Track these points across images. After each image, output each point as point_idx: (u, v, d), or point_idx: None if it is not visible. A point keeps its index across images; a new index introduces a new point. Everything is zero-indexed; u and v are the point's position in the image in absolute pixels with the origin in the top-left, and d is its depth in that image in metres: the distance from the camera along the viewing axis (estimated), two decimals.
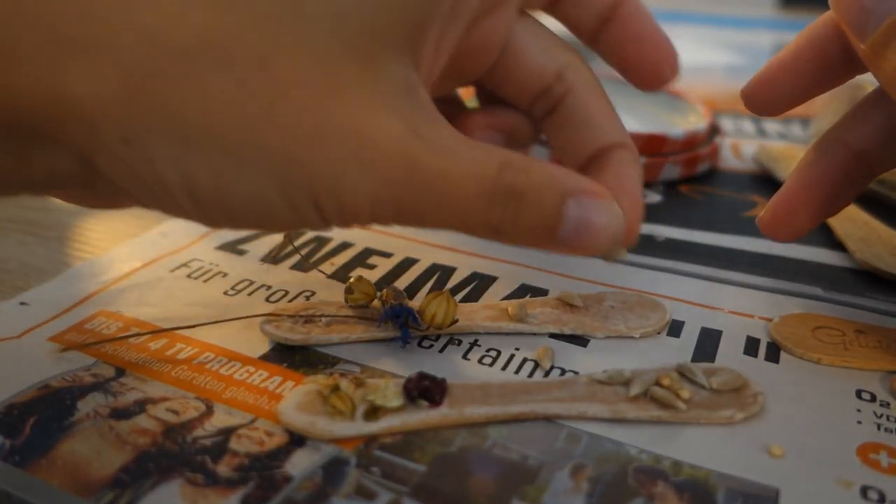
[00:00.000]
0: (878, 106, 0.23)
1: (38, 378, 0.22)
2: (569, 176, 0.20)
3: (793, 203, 0.24)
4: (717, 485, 0.19)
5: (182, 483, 0.18)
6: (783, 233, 0.25)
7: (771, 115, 0.25)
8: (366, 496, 0.18)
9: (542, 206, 0.19)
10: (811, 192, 0.24)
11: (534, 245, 0.21)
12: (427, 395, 0.21)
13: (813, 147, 0.24)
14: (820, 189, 0.24)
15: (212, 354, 0.23)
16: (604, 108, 0.23)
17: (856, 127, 0.23)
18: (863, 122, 0.23)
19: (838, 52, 0.24)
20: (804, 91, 0.24)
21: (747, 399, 0.22)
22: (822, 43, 0.24)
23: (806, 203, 0.24)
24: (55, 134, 0.17)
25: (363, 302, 0.25)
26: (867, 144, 0.23)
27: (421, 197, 0.18)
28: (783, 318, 0.26)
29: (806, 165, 0.24)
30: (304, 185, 0.18)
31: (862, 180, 0.25)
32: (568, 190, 0.20)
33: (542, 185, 0.19)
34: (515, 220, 0.19)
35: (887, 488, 0.19)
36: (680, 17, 0.80)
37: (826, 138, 0.24)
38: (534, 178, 0.19)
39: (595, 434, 0.21)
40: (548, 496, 0.19)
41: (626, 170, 0.22)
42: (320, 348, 0.24)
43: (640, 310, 0.26)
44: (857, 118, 0.23)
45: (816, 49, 0.24)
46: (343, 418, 0.20)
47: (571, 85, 0.23)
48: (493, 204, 0.19)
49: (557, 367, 0.23)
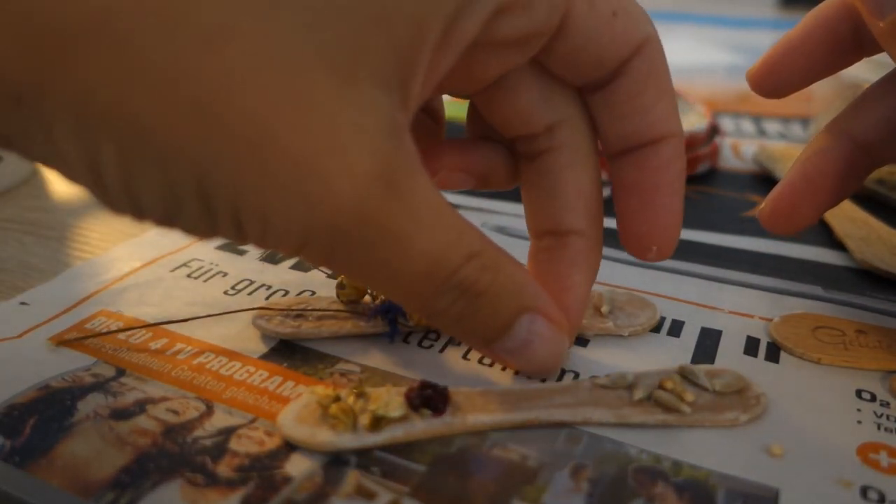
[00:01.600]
0: (882, 97, 0.23)
1: (38, 378, 0.22)
2: (532, 287, 0.19)
3: (794, 195, 0.24)
4: (716, 485, 0.19)
5: (182, 483, 0.18)
6: (784, 226, 0.24)
7: (777, 97, 0.24)
8: (366, 496, 0.18)
9: (495, 313, 0.18)
10: (813, 184, 0.23)
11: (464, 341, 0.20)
12: (430, 404, 0.21)
13: (815, 139, 0.24)
14: (822, 181, 0.23)
15: (212, 354, 0.23)
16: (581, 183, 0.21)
17: (860, 118, 0.22)
18: (867, 113, 0.22)
19: (848, 32, 0.23)
20: (812, 73, 0.24)
21: (750, 400, 0.22)
22: (831, 23, 0.23)
23: (807, 195, 0.24)
24: None
25: (354, 297, 0.25)
26: (871, 136, 0.23)
27: (362, 255, 0.16)
28: (783, 318, 0.26)
29: (808, 157, 0.24)
30: (227, 197, 0.15)
31: (864, 172, 0.24)
32: (527, 305, 0.19)
33: (504, 292, 0.18)
34: (460, 317, 0.18)
35: (887, 488, 0.19)
36: (680, 17, 0.80)
37: (829, 130, 0.24)
38: (498, 281, 0.18)
39: (595, 434, 0.21)
40: (548, 496, 0.19)
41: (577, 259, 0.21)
42: (320, 348, 0.24)
43: (631, 308, 0.26)
44: (860, 109, 0.23)
45: (826, 29, 0.23)
46: (344, 429, 0.20)
47: (559, 144, 0.21)
48: (442, 293, 0.17)
49: None
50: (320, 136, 0.15)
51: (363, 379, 0.23)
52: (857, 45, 0.23)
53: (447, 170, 0.22)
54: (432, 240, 0.16)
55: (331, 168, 0.15)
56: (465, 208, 0.35)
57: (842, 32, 0.23)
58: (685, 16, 0.81)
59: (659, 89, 0.20)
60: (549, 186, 0.21)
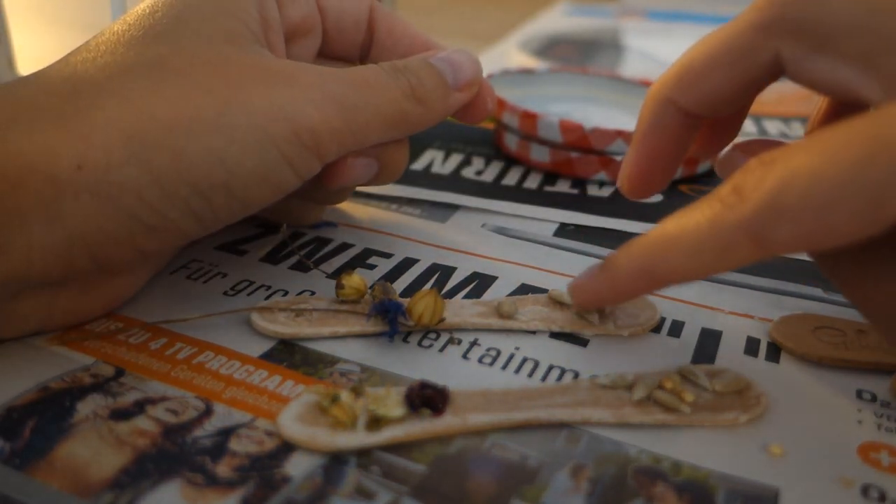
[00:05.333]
0: (710, 73, 0.22)
1: (38, 380, 0.22)
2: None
3: (643, 170, 0.25)
4: (716, 485, 0.19)
5: (182, 484, 0.18)
6: (643, 195, 0.26)
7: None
8: (366, 496, 0.18)
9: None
10: (656, 160, 0.24)
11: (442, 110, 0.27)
12: (430, 403, 0.21)
13: (647, 112, 0.24)
14: (663, 153, 0.24)
15: (211, 354, 0.23)
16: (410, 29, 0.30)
17: (686, 92, 0.22)
18: (693, 87, 0.22)
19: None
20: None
21: (750, 401, 0.22)
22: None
23: (654, 170, 0.25)
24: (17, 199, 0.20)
25: (354, 297, 0.25)
26: (698, 109, 0.23)
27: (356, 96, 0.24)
28: (783, 319, 0.26)
29: (643, 135, 0.24)
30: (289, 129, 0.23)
31: (695, 132, 0.25)
32: (429, 56, 0.27)
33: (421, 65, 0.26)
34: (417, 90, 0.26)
35: (888, 487, 0.19)
36: (680, 16, 0.80)
37: (657, 100, 0.23)
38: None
39: (595, 434, 0.21)
40: (548, 496, 0.19)
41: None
42: (320, 347, 0.24)
43: (631, 308, 0.26)
44: (685, 83, 0.22)
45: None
46: (344, 429, 0.20)
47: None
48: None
49: (557, 367, 0.23)
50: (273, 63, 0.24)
51: (363, 379, 0.23)
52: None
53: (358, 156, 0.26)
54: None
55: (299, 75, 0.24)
56: (466, 208, 0.35)
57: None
58: (685, 15, 0.81)
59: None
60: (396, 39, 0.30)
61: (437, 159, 0.39)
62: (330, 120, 0.23)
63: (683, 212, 0.20)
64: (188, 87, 0.22)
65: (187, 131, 0.21)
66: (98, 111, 0.21)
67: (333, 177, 0.26)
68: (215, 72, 0.22)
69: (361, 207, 0.34)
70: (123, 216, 0.21)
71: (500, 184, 0.37)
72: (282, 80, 0.23)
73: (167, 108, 0.21)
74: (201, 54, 0.23)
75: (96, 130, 0.21)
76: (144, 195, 0.21)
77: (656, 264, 0.20)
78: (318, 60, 0.30)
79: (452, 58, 0.27)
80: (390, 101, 0.25)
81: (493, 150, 0.41)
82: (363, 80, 0.25)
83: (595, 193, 0.36)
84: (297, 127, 0.23)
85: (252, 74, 0.23)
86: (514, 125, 0.38)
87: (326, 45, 0.30)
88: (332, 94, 0.24)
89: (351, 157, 0.26)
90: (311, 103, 0.23)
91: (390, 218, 0.33)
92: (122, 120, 0.21)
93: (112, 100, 0.21)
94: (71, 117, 0.21)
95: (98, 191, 0.20)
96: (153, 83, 0.22)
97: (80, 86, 0.22)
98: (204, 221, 0.23)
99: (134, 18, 0.24)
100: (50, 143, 0.20)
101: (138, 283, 0.25)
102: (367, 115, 0.24)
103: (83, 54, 0.23)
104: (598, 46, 0.67)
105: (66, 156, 0.20)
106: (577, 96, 0.46)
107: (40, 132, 0.20)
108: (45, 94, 0.21)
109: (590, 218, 0.34)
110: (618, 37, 0.71)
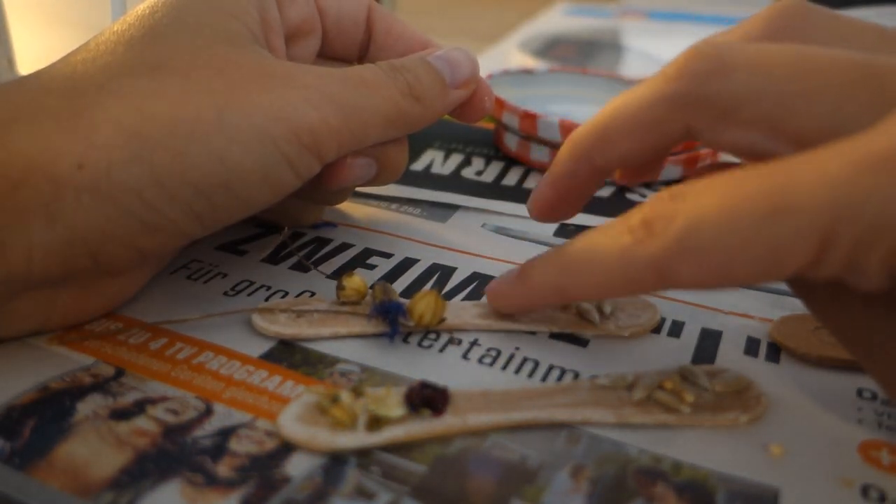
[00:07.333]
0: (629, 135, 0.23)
1: (37, 380, 0.22)
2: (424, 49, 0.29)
3: (553, 205, 0.26)
4: (716, 485, 0.19)
5: (182, 483, 0.18)
6: (552, 221, 0.27)
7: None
8: (366, 496, 0.18)
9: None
10: (564, 200, 0.26)
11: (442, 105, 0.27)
12: (430, 404, 0.21)
13: (564, 159, 0.25)
14: (575, 194, 0.25)
15: (211, 354, 0.23)
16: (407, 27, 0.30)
17: (604, 151, 0.23)
18: (612, 147, 0.23)
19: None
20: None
21: (751, 401, 0.22)
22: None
23: (564, 204, 0.26)
24: (18, 199, 0.20)
25: (354, 298, 0.25)
26: (612, 165, 0.24)
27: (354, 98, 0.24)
28: (783, 319, 0.26)
29: (558, 177, 0.25)
30: (288, 129, 0.23)
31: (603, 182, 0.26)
32: (426, 55, 0.27)
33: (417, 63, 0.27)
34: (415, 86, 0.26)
35: (888, 487, 0.19)
36: (680, 16, 0.80)
37: (573, 155, 0.24)
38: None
39: (595, 434, 0.21)
40: (548, 496, 0.19)
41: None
42: (320, 348, 0.24)
43: (632, 309, 0.26)
44: (606, 143, 0.23)
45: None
46: (344, 429, 0.20)
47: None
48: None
49: (557, 367, 0.23)
50: (277, 65, 0.24)
51: (363, 379, 0.23)
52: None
53: (357, 156, 0.26)
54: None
55: (300, 78, 0.24)
56: (466, 208, 0.35)
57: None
58: (685, 16, 0.81)
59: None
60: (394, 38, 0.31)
61: (437, 159, 0.39)
62: (329, 120, 0.23)
63: (596, 233, 0.21)
64: (189, 88, 0.22)
65: (188, 131, 0.21)
66: (99, 111, 0.21)
67: (333, 177, 0.26)
68: (216, 72, 0.23)
69: (361, 207, 0.34)
70: (124, 216, 0.21)
71: (500, 184, 0.37)
72: (281, 80, 0.23)
73: (168, 108, 0.21)
74: (202, 55, 0.23)
75: (97, 130, 0.21)
76: (145, 195, 0.21)
77: (567, 284, 0.22)
78: (317, 61, 0.30)
79: (450, 56, 0.28)
80: (388, 100, 0.25)
81: (493, 150, 0.41)
82: (361, 80, 0.25)
83: (595, 193, 0.36)
84: (297, 127, 0.23)
85: (252, 75, 0.23)
86: (514, 125, 0.38)
87: (325, 45, 0.30)
88: (330, 94, 0.24)
89: (350, 158, 0.26)
90: (310, 104, 0.23)
91: (390, 218, 0.33)
92: (122, 120, 0.21)
93: (113, 100, 0.21)
94: (71, 117, 0.21)
95: (99, 191, 0.20)
96: (154, 83, 0.22)
97: (80, 85, 0.22)
98: (204, 221, 0.23)
99: (134, 18, 0.24)
100: (51, 143, 0.20)
101: (138, 283, 0.25)
102: (366, 115, 0.25)
103: (83, 54, 0.23)
104: (597, 46, 0.67)
105: (66, 155, 0.20)
106: (578, 96, 0.46)
107: (41, 132, 0.20)
108: (45, 93, 0.21)
109: (590, 217, 0.34)
110: (618, 37, 0.71)
